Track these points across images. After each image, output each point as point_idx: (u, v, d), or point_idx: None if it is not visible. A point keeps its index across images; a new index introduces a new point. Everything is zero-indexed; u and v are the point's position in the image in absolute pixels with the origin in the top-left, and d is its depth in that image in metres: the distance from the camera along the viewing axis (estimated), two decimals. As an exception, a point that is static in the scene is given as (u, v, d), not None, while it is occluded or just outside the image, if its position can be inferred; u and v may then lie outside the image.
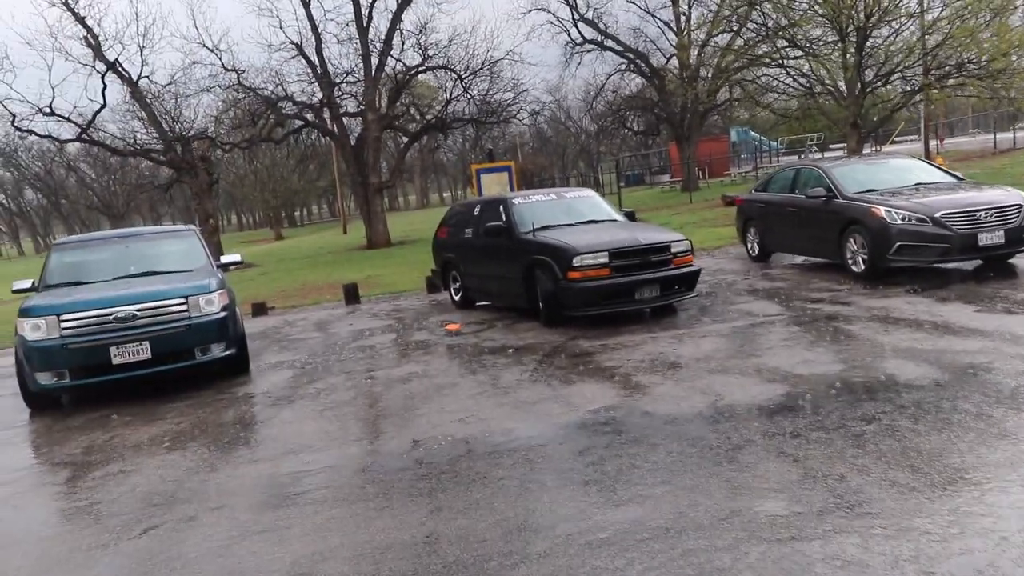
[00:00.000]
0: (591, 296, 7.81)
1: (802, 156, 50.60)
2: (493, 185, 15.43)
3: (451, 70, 27.84)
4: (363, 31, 25.91)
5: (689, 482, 3.80)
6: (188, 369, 7.16)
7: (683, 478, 3.85)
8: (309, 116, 27.80)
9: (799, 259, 11.18)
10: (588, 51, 36.63)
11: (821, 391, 4.98)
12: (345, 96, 27.97)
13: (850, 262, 9.12)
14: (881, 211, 8.55)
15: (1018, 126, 34.88)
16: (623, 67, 36.70)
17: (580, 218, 9.12)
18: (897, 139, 43.55)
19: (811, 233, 9.91)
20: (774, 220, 11.02)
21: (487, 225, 9.08)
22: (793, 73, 21.29)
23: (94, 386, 6.95)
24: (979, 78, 19.23)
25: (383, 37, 26.08)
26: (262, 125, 26.20)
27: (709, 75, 35.06)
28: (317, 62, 26.46)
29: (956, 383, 4.85)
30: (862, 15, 19.83)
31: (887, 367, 5.35)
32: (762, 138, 53.54)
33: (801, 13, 20.68)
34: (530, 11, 33.53)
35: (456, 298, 10.68)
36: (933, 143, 30.11)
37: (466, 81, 27.85)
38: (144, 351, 6.85)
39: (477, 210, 9.99)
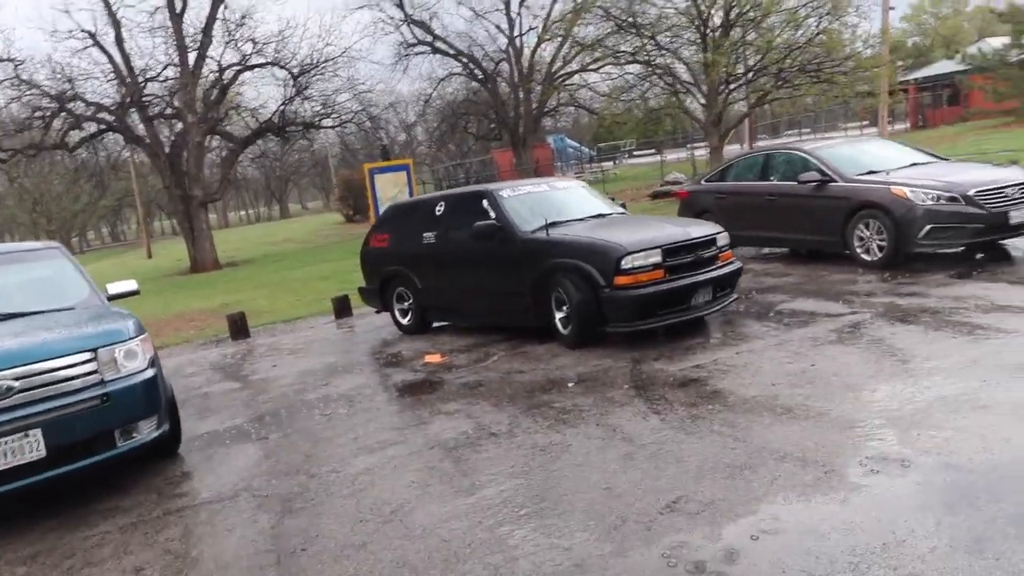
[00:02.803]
0: (646, 305, 6.18)
1: (616, 161, 52.64)
2: (389, 187, 13.29)
3: (283, 67, 24.86)
4: (177, 19, 22.21)
5: None
6: (101, 465, 4.52)
7: None
8: (107, 118, 23.32)
9: (765, 250, 10.39)
10: (419, 53, 35.00)
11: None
12: (155, 97, 23.87)
13: (860, 250, 8.32)
14: (906, 191, 7.81)
15: (847, 126, 38.26)
16: (457, 71, 35.44)
17: (584, 213, 7.46)
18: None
19: (802, 221, 9.03)
20: (742, 210, 10.07)
21: (477, 226, 7.12)
22: (659, 71, 21.14)
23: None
24: (819, 79, 20.21)
25: (202, 27, 22.55)
26: (58, 129, 21.49)
27: (543, 78, 34.94)
28: (118, 55, 22.29)
29: None
30: (717, 19, 20.15)
31: None
32: (579, 145, 54.98)
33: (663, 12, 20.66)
34: (360, 7, 31.14)
35: (404, 320, 8.53)
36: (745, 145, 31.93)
37: (300, 81, 25.00)
38: (33, 447, 4.16)
39: (440, 208, 7.95)
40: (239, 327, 10.19)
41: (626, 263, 6.15)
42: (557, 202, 7.59)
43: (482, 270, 7.37)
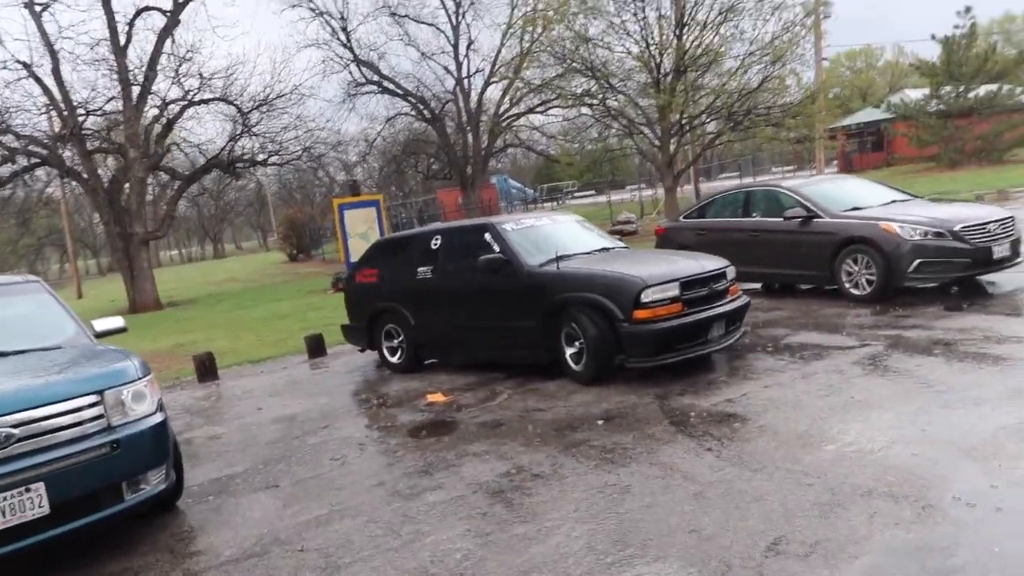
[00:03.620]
0: (665, 339, 6.04)
1: (559, 202, 53.38)
2: (359, 223, 12.92)
3: (231, 103, 24.25)
4: (120, 51, 21.43)
5: None
6: (106, 523, 4.03)
7: None
8: (40, 151, 22.15)
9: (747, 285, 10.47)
10: (367, 92, 34.82)
11: None
12: (94, 132, 22.87)
13: (848, 284, 8.45)
14: (895, 227, 7.99)
15: (774, 170, 39.70)
16: (406, 110, 35.37)
17: (588, 246, 7.34)
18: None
19: (787, 256, 9.13)
20: (723, 245, 10.10)
21: (483, 259, 6.88)
22: (614, 113, 21.52)
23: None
24: (770, 122, 20.97)
25: (147, 60, 21.81)
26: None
27: (491, 119, 35.21)
28: (54, 86, 21.30)
29: None
30: (668, 64, 20.74)
31: None
32: (522, 185, 55.55)
33: (617, 56, 21.16)
34: (308, 46, 30.86)
35: (394, 359, 8.16)
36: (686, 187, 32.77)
37: (249, 117, 24.42)
38: (35, 503, 3.66)
39: (437, 242, 7.69)
40: (207, 368, 9.58)
41: (645, 296, 6.01)
42: (559, 236, 7.44)
43: (486, 305, 7.12)
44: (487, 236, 7.19)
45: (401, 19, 33.53)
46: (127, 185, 22.63)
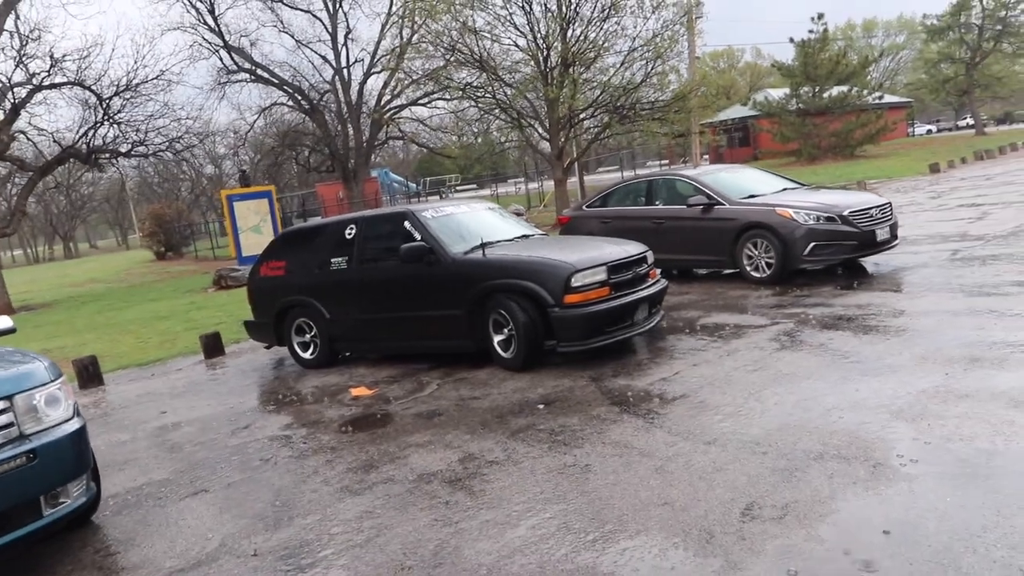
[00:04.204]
0: (595, 323, 6.12)
1: (443, 195, 53.19)
2: (250, 214, 12.23)
3: (88, 88, 22.36)
4: (-43, 27, 19.23)
5: None
6: (22, 542, 3.58)
7: None
8: None
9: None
10: (239, 81, 33.14)
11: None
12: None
13: (748, 267, 8.92)
14: (791, 212, 8.50)
15: (649, 164, 41.16)
16: (283, 100, 33.97)
17: (509, 234, 7.31)
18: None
19: (690, 242, 9.50)
20: (627, 233, 10.33)
21: (405, 248, 6.69)
22: (503, 105, 21.58)
23: None
24: (654, 117, 21.77)
25: (-11, 36, 19.70)
26: None
27: (372, 111, 34.47)
28: None
29: None
30: (555, 58, 21.08)
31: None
32: (404, 179, 54.86)
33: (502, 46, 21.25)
34: (173, 29, 28.91)
35: (306, 354, 7.82)
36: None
37: (109, 104, 22.61)
38: (-57, 523, 3.20)
39: (351, 232, 7.41)
40: (91, 373, 8.77)
41: (575, 281, 6.07)
42: (479, 223, 7.38)
43: (408, 295, 6.94)
44: (406, 224, 7.01)
45: (274, 4, 32.20)
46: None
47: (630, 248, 6.75)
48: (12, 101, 21.29)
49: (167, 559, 3.71)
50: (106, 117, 22.62)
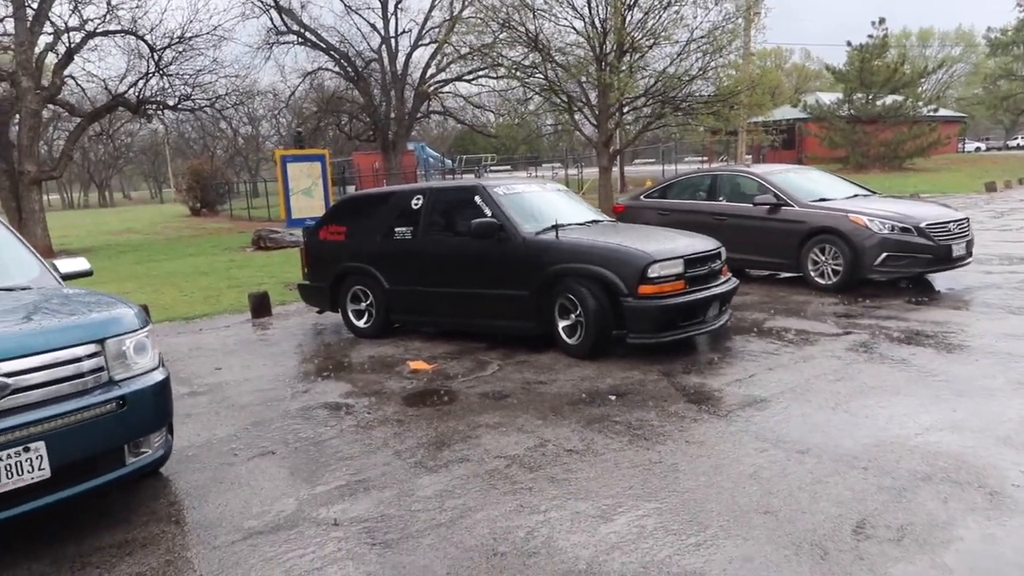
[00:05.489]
0: (669, 316, 5.95)
1: (478, 173, 52.94)
2: (302, 177, 12.16)
3: (141, 38, 22.40)
4: (18, -34, 19.28)
5: None
6: (103, 489, 3.52)
7: None
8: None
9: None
10: (286, 42, 33.09)
11: None
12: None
13: (813, 273, 8.68)
14: (864, 220, 8.24)
15: (685, 160, 40.65)
16: (328, 66, 33.86)
17: (581, 217, 7.14)
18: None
19: (753, 242, 9.25)
20: (686, 227, 10.16)
21: (476, 223, 6.55)
22: (555, 88, 21.26)
23: None
24: (707, 111, 21.37)
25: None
26: None
27: (416, 83, 34.28)
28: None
29: None
30: (611, 43, 20.73)
31: None
32: (441, 155, 54.68)
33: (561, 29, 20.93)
34: (227, -15, 28.80)
35: (360, 322, 7.73)
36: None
37: (161, 55, 22.64)
38: (35, 464, 3.13)
39: (418, 202, 7.28)
40: (141, 323, 8.76)
41: (652, 272, 5.90)
42: (550, 204, 7.22)
43: (473, 271, 6.80)
44: (477, 199, 6.86)
45: (329, -33, 31.97)
46: (16, 118, 20.54)
47: (706, 243, 6.56)
48: (67, 45, 21.40)
49: (244, 519, 3.63)
50: (157, 68, 22.68)
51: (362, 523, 3.52)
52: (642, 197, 11.15)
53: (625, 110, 21.38)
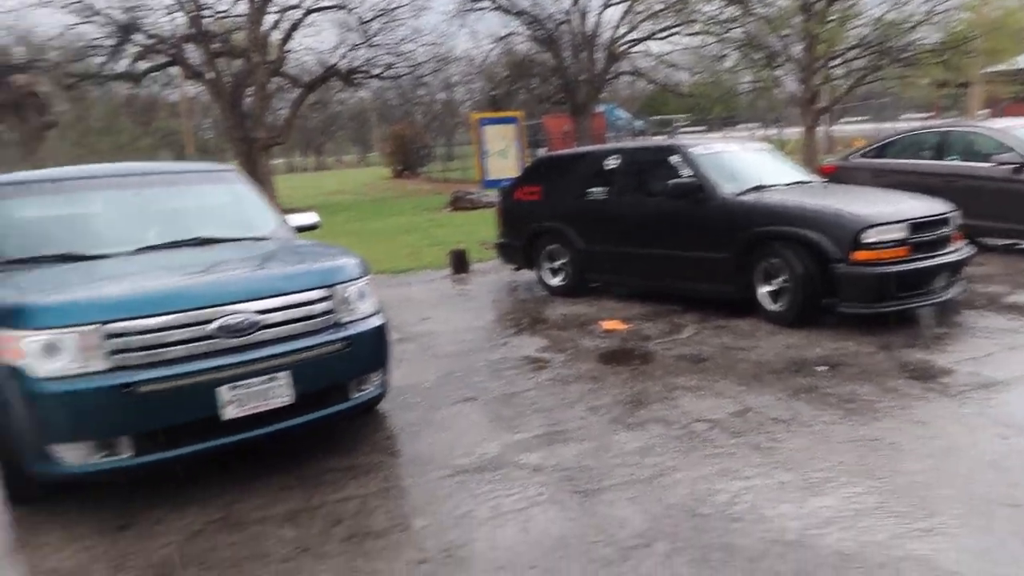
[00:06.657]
0: (887, 285, 5.45)
1: (671, 135, 51.36)
2: (497, 139, 12.55)
3: (350, 11, 23.95)
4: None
5: None
6: (330, 419, 3.91)
7: None
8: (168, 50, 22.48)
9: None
10: (481, 8, 33.85)
11: None
12: (217, 34, 23.05)
13: (1068, 243, 7.53)
14: None
15: (903, 117, 36.91)
16: (519, 30, 34.27)
17: (786, 178, 6.72)
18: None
19: (993, 205, 8.13)
20: (908, 189, 9.23)
21: (673, 183, 6.39)
22: (756, 43, 20.02)
23: (172, 465, 3.50)
24: (934, 61, 19.06)
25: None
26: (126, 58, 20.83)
27: (607, 44, 33.74)
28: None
29: None
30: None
31: None
32: (630, 117, 53.69)
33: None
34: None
35: (554, 281, 7.86)
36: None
37: (368, 27, 24.11)
38: (280, 392, 3.53)
39: (614, 162, 7.22)
40: (354, 275, 9.55)
41: (867, 236, 5.41)
42: (752, 164, 6.86)
43: (670, 232, 6.65)
44: (673, 159, 6.66)
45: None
46: (250, 89, 22.89)
47: (934, 205, 5.91)
48: (289, 22, 23.45)
49: (452, 457, 3.87)
50: (365, 39, 24.23)
51: (563, 471, 3.61)
52: (855, 157, 10.24)
53: (834, 63, 19.63)
